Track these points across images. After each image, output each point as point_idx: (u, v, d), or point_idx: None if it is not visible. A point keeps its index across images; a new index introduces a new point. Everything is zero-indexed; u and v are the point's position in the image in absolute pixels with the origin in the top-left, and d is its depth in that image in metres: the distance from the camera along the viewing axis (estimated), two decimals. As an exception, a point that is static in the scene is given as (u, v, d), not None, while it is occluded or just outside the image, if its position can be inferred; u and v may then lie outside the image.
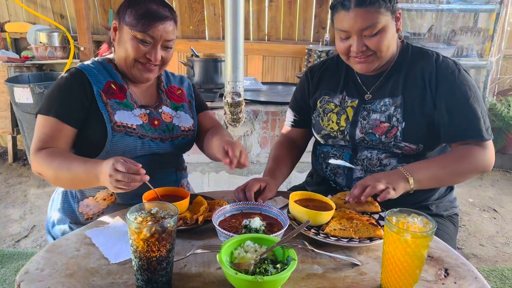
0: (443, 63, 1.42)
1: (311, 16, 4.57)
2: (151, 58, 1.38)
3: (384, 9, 1.32)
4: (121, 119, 1.39)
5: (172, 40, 1.41)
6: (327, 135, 1.57)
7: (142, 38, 1.36)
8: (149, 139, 1.43)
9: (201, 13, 4.61)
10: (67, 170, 1.24)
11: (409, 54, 1.48)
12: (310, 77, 1.67)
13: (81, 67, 1.42)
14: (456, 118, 1.38)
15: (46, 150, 1.30)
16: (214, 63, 3.08)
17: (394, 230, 0.93)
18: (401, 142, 1.42)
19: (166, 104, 1.53)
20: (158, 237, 0.87)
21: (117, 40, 1.42)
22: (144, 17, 1.34)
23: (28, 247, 2.75)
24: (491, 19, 3.72)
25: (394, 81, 1.47)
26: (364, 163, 1.50)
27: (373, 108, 1.48)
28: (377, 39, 1.35)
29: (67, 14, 4.61)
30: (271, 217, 1.23)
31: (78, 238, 1.16)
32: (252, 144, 2.94)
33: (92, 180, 1.20)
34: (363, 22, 1.32)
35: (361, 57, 1.39)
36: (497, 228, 3.16)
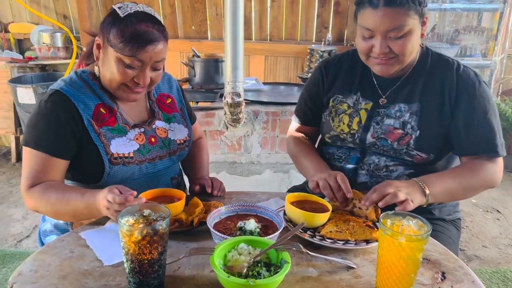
0: (464, 73, 1.38)
1: (313, 16, 4.55)
2: (139, 82, 1.28)
3: (413, 12, 1.27)
4: (117, 149, 1.31)
5: (162, 60, 1.30)
6: (336, 136, 1.53)
7: (130, 63, 1.23)
8: (147, 162, 1.38)
9: (203, 13, 4.60)
10: (67, 205, 1.20)
11: (429, 60, 1.44)
12: (325, 73, 1.59)
13: (64, 91, 1.28)
14: (473, 132, 1.36)
15: (39, 186, 1.24)
16: (215, 63, 3.08)
17: (389, 233, 0.92)
18: (413, 151, 1.39)
19: (158, 117, 1.46)
20: (149, 239, 0.87)
21: (101, 60, 1.30)
22: (132, 40, 1.20)
23: (30, 247, 2.76)
24: (495, 19, 3.69)
25: (411, 86, 1.43)
26: (370, 167, 1.47)
27: (387, 113, 1.44)
28: (402, 42, 1.30)
29: (70, 15, 4.62)
30: (267, 219, 1.22)
31: (72, 239, 1.15)
32: (253, 145, 2.93)
33: (94, 213, 1.18)
34: (391, 23, 1.26)
35: (382, 59, 1.34)
36: (500, 230, 3.13)
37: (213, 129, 2.86)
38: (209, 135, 2.88)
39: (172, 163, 1.48)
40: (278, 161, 2.98)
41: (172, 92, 1.56)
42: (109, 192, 1.08)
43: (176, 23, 4.62)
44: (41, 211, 1.27)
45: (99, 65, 1.32)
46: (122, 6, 1.25)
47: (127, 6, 1.25)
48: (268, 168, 2.93)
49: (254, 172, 2.93)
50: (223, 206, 1.25)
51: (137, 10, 1.25)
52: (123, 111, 1.39)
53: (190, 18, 4.62)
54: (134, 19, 1.22)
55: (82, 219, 1.28)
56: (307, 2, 4.50)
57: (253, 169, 2.95)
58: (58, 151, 1.26)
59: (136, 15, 1.23)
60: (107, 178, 1.31)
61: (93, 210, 1.16)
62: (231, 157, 2.96)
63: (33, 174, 1.25)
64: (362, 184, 1.48)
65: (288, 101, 2.98)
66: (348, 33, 4.63)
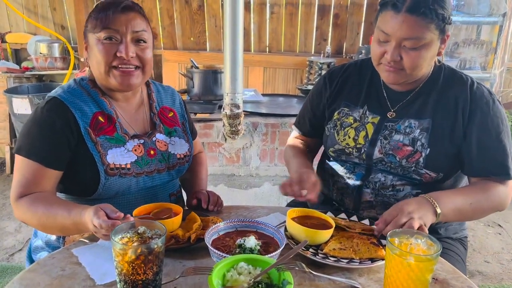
0: (478, 91, 1.33)
1: (312, 28, 4.56)
2: (123, 55, 1.22)
3: (434, 26, 1.21)
4: (114, 159, 1.26)
5: (142, 31, 1.25)
6: (340, 150, 1.46)
7: (106, 35, 1.22)
8: (145, 175, 1.33)
9: (202, 25, 4.60)
10: (54, 220, 1.15)
11: (442, 76, 1.38)
12: (329, 83, 1.53)
13: (62, 97, 1.25)
14: (485, 152, 1.31)
15: (28, 197, 1.19)
16: (213, 74, 3.06)
17: (397, 253, 0.88)
18: (422, 169, 1.34)
19: (160, 130, 1.41)
20: (144, 259, 0.82)
21: (89, 56, 1.29)
22: (102, 11, 1.22)
23: (22, 261, 2.69)
24: (494, 32, 3.69)
25: (422, 101, 1.37)
26: (376, 186, 1.41)
27: (396, 128, 1.38)
28: (415, 54, 1.24)
29: (68, 25, 4.61)
30: (267, 236, 1.17)
31: (64, 256, 1.10)
32: (251, 157, 2.89)
33: (83, 230, 1.13)
34: (408, 31, 1.21)
35: (391, 66, 1.28)
36: (502, 244, 3.09)
37: (212, 141, 2.83)
38: (207, 147, 2.84)
39: (171, 178, 1.43)
40: (278, 173, 2.94)
41: (175, 106, 1.52)
42: (94, 216, 1.02)
43: (175, 34, 4.62)
44: (28, 223, 1.22)
45: (89, 63, 1.31)
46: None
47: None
48: (267, 181, 2.89)
49: (253, 185, 2.88)
50: (221, 221, 1.20)
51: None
52: (123, 120, 1.34)
53: (189, 30, 4.62)
54: (106, 1, 1.25)
55: (71, 234, 1.24)
56: (306, 14, 4.51)
57: (252, 182, 2.91)
58: (51, 161, 1.21)
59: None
60: (102, 191, 1.26)
61: (80, 227, 1.11)
62: (229, 170, 2.92)
63: (23, 184, 1.20)
64: (366, 203, 1.43)
65: (287, 113, 2.95)
66: (347, 45, 4.63)
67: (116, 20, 1.21)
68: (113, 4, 1.23)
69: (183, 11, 4.55)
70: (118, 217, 1.01)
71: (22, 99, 3.60)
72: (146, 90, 1.46)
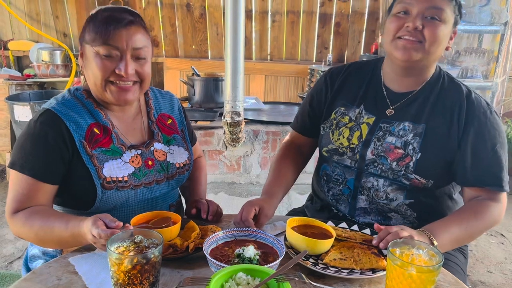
0: (476, 101, 1.33)
1: (314, 37, 4.57)
2: (122, 73, 1.18)
3: (452, 7, 1.26)
4: (111, 172, 1.23)
5: (143, 48, 1.21)
6: (334, 150, 1.45)
7: (106, 53, 1.17)
8: (143, 186, 1.30)
9: (204, 33, 4.62)
10: (51, 233, 1.13)
11: (441, 81, 1.38)
12: (330, 83, 1.52)
13: (55, 110, 1.21)
14: (479, 163, 1.30)
15: (23, 212, 1.17)
16: (214, 82, 3.06)
17: (398, 264, 0.86)
18: (411, 174, 1.32)
19: (158, 139, 1.38)
20: (140, 269, 0.81)
21: (84, 66, 1.24)
22: (102, 26, 1.16)
23: (21, 269, 2.66)
24: (495, 41, 3.69)
25: (419, 105, 1.36)
26: (370, 192, 1.40)
27: (390, 130, 1.37)
28: (435, 25, 1.25)
29: (70, 33, 4.64)
30: (267, 245, 1.15)
31: (60, 265, 1.09)
32: (252, 165, 2.88)
33: (81, 242, 1.11)
34: (433, 0, 1.24)
35: (408, 40, 1.26)
36: (505, 254, 3.06)
37: (212, 149, 2.82)
38: (208, 154, 2.83)
39: (170, 189, 1.40)
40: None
41: (174, 113, 1.48)
42: (93, 226, 1.00)
43: (176, 42, 4.63)
44: (25, 238, 1.20)
45: (84, 74, 1.27)
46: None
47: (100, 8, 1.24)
48: (268, 189, 2.87)
49: (253, 193, 2.87)
50: (220, 230, 1.18)
51: (108, 6, 1.23)
52: (119, 131, 1.31)
53: (190, 38, 4.63)
54: (104, 11, 1.20)
55: (69, 247, 1.21)
56: (307, 22, 4.53)
57: (252, 190, 2.89)
58: (45, 175, 1.18)
59: (107, 8, 1.22)
60: (99, 204, 1.24)
61: (78, 239, 1.09)
62: (230, 178, 2.90)
63: (18, 199, 1.18)
64: (361, 209, 1.42)
65: (288, 120, 2.94)
66: (348, 53, 4.64)
67: (117, 37, 1.17)
68: (114, 19, 1.18)
69: (185, 19, 4.57)
70: (117, 227, 0.99)
71: (24, 106, 3.60)
72: (143, 98, 1.43)
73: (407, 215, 1.40)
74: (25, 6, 4.58)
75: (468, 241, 1.39)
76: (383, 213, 1.42)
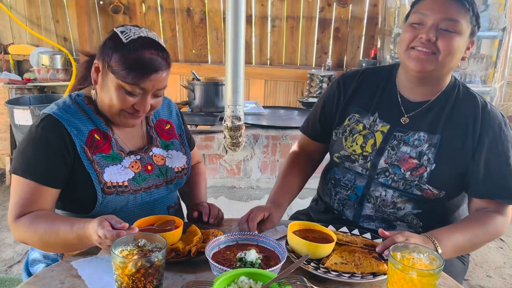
0: (491, 112, 1.32)
1: (313, 41, 4.59)
2: (140, 109, 1.21)
3: (469, 18, 1.25)
4: (111, 178, 1.24)
5: (164, 88, 1.24)
6: (346, 156, 1.44)
7: (130, 90, 1.18)
8: (142, 191, 1.31)
9: (204, 38, 4.64)
10: (56, 237, 1.12)
11: (456, 91, 1.37)
12: (343, 88, 1.50)
13: (57, 115, 1.21)
14: (492, 175, 1.30)
15: (27, 216, 1.16)
16: (214, 86, 3.07)
17: (399, 267, 0.87)
18: (425, 184, 1.32)
19: (156, 144, 1.39)
20: (144, 272, 0.81)
21: (100, 84, 1.23)
22: (135, 69, 1.15)
23: (20, 273, 2.67)
24: (494, 46, 3.71)
25: (434, 115, 1.35)
26: (377, 201, 1.40)
27: (404, 139, 1.36)
28: (450, 37, 1.24)
29: (70, 37, 4.65)
30: (268, 249, 1.16)
31: (63, 269, 1.09)
32: (252, 169, 2.89)
33: (86, 244, 1.11)
34: (448, 12, 1.23)
35: (422, 51, 1.26)
36: (504, 259, 3.06)
37: (212, 153, 2.82)
38: (208, 159, 2.84)
39: (169, 192, 1.42)
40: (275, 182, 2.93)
41: (172, 118, 1.50)
42: (99, 226, 1.00)
43: (176, 46, 4.65)
44: (29, 243, 1.19)
45: (97, 89, 1.26)
46: (124, 30, 1.19)
47: (130, 31, 1.19)
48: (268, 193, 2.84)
49: (254, 197, 2.87)
50: (222, 234, 1.19)
51: (141, 36, 1.18)
52: (119, 137, 1.32)
53: (190, 42, 4.65)
54: (138, 46, 1.16)
55: (74, 250, 1.21)
56: (307, 27, 4.54)
57: (253, 194, 2.90)
58: (47, 179, 1.18)
59: (140, 41, 1.17)
60: (99, 209, 1.24)
61: (84, 240, 1.09)
62: (230, 182, 2.91)
63: (21, 203, 1.17)
64: (366, 216, 1.42)
65: (288, 125, 2.95)
66: (347, 58, 4.65)
67: (147, 81, 1.17)
68: (147, 64, 1.16)
69: (185, 24, 4.59)
70: (123, 228, 0.99)
71: (24, 110, 3.61)
72: None
73: (413, 224, 1.39)
74: (26, 10, 4.59)
75: (470, 251, 1.39)
76: (389, 221, 1.41)
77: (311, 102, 3.82)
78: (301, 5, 4.46)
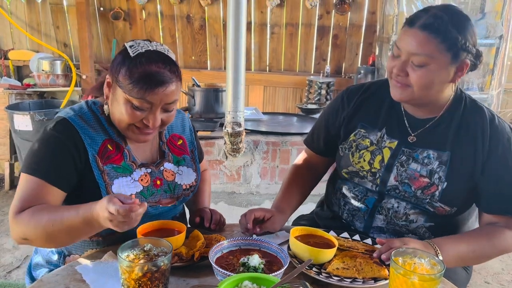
0: (500, 126, 1.29)
1: (312, 48, 4.62)
2: (149, 124, 1.19)
3: (445, 47, 1.17)
4: (119, 190, 1.22)
5: (174, 102, 1.21)
6: (354, 172, 1.41)
7: (139, 105, 1.16)
8: (148, 205, 1.27)
9: (204, 44, 4.67)
10: (61, 224, 1.08)
11: (463, 106, 1.32)
12: (346, 102, 1.47)
13: (72, 120, 1.21)
14: (503, 190, 1.27)
15: (28, 210, 1.11)
16: (215, 92, 3.09)
17: (401, 272, 0.88)
18: (437, 202, 1.30)
19: (168, 159, 1.37)
20: (150, 276, 0.82)
21: (111, 99, 1.23)
22: (141, 82, 1.13)
23: (20, 278, 2.66)
24: (491, 54, 3.74)
25: (442, 132, 1.32)
26: (389, 213, 1.37)
27: (413, 156, 1.33)
28: (421, 72, 1.20)
29: (70, 43, 4.67)
30: (271, 254, 1.17)
31: (68, 273, 1.10)
32: (252, 175, 2.90)
33: (94, 227, 1.07)
34: (416, 46, 1.19)
35: (398, 81, 1.25)
36: (502, 265, 3.07)
37: (213, 159, 2.84)
38: (208, 164, 2.85)
39: (174, 207, 1.40)
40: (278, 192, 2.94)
41: (185, 133, 1.47)
42: (109, 203, 0.97)
43: (176, 53, 4.68)
44: (31, 238, 1.12)
45: (109, 104, 1.25)
46: (133, 44, 1.18)
47: (139, 45, 1.18)
48: (268, 199, 2.89)
49: (253, 203, 2.88)
50: (225, 239, 1.20)
51: (149, 49, 1.17)
52: (132, 149, 1.31)
53: (190, 49, 4.68)
54: (144, 59, 1.15)
55: (79, 237, 1.16)
56: (306, 34, 4.58)
57: (252, 199, 2.91)
58: (56, 179, 1.16)
59: (147, 54, 1.16)
60: None
61: (92, 224, 1.05)
62: (230, 187, 2.92)
63: (24, 198, 1.13)
64: (377, 228, 1.40)
65: (288, 131, 2.97)
66: (346, 65, 4.69)
67: (155, 95, 1.15)
68: (154, 77, 1.14)
69: (185, 31, 4.62)
70: (133, 202, 0.97)
71: (24, 116, 3.61)
72: None
73: (425, 237, 1.37)
74: (26, 16, 4.62)
75: (474, 263, 1.38)
76: (400, 233, 1.39)
77: (310, 108, 3.85)
78: (300, 12, 4.50)
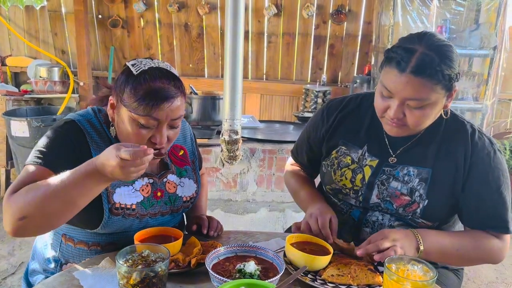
0: (480, 141, 1.28)
1: (309, 57, 4.67)
2: (156, 142, 1.18)
3: (440, 86, 1.15)
4: (120, 199, 1.22)
5: (180, 117, 1.19)
6: (337, 190, 1.42)
7: (144, 123, 1.14)
8: (148, 216, 1.29)
9: (201, 52, 4.70)
10: (60, 187, 1.03)
11: (444, 122, 1.32)
12: (327, 117, 1.47)
13: (81, 123, 1.21)
14: (484, 206, 1.27)
15: (23, 189, 1.08)
16: (212, 100, 3.11)
17: (394, 279, 0.90)
18: (419, 219, 1.32)
19: (172, 171, 1.36)
20: (148, 282, 0.84)
21: (116, 120, 1.21)
22: (146, 99, 1.11)
23: (14, 285, 2.65)
24: (485, 64, 3.80)
25: (423, 148, 1.32)
26: (374, 226, 1.38)
27: (394, 174, 1.33)
28: (419, 113, 1.19)
29: (68, 50, 4.69)
30: (267, 261, 1.18)
31: (65, 279, 1.11)
32: (249, 182, 2.91)
33: (100, 184, 1.05)
34: (412, 93, 1.15)
35: (393, 122, 1.23)
36: (496, 274, 3.09)
37: (209, 166, 2.85)
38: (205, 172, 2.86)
39: (173, 218, 1.41)
40: (274, 199, 2.96)
41: (186, 143, 1.47)
42: (118, 150, 0.95)
43: (174, 61, 4.70)
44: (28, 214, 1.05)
45: (115, 125, 1.24)
46: (135, 63, 1.18)
47: (141, 63, 1.17)
48: (264, 207, 2.90)
49: (250, 211, 2.89)
50: (221, 246, 1.21)
51: (151, 66, 1.16)
52: None
53: (188, 56, 4.71)
54: (148, 76, 1.14)
55: (82, 203, 1.09)
56: (302, 44, 4.63)
57: (249, 207, 2.92)
58: (59, 168, 1.10)
59: (151, 71, 1.15)
60: (103, 227, 1.23)
61: (96, 177, 1.02)
62: (226, 195, 2.93)
63: (22, 181, 1.10)
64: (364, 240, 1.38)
65: (284, 139, 2.99)
66: (342, 74, 4.73)
67: (160, 111, 1.13)
68: (159, 94, 1.13)
69: (183, 39, 4.65)
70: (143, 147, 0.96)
71: (21, 122, 3.62)
72: None
73: None
74: (24, 23, 4.64)
75: (457, 263, 1.38)
76: None
77: (306, 116, 3.88)
78: (297, 22, 4.55)
